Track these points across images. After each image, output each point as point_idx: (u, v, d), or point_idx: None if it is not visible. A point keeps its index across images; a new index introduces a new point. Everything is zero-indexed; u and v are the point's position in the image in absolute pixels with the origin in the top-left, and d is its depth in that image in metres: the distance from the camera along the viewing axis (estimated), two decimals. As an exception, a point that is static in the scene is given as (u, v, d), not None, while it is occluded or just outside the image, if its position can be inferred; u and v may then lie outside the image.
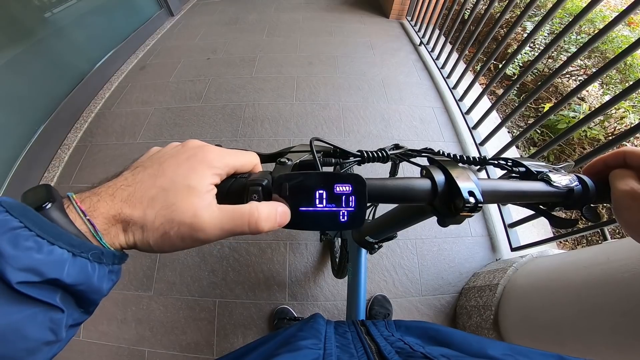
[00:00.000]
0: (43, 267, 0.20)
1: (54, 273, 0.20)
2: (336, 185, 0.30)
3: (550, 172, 0.37)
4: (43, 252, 0.20)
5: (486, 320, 1.28)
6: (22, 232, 0.20)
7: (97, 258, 0.23)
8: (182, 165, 0.28)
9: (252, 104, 2.36)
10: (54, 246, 0.21)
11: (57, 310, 0.21)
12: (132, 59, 3.01)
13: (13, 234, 0.19)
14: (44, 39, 2.11)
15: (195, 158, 0.29)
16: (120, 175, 0.28)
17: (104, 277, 0.24)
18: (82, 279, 0.22)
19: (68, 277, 0.21)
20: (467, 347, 0.37)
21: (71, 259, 0.21)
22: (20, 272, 0.19)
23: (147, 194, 0.26)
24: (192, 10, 4.11)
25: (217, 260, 1.57)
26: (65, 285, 0.21)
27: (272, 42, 3.16)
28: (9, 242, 0.19)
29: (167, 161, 0.29)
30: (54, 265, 0.20)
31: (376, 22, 3.57)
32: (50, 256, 0.20)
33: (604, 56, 2.52)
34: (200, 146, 0.31)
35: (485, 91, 1.91)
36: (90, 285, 0.23)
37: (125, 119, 2.32)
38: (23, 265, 0.19)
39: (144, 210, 0.25)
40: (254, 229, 0.28)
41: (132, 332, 1.40)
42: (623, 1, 3.43)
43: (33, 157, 1.93)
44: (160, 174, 0.27)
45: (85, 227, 0.23)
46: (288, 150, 0.42)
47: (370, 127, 2.17)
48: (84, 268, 0.22)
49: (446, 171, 0.33)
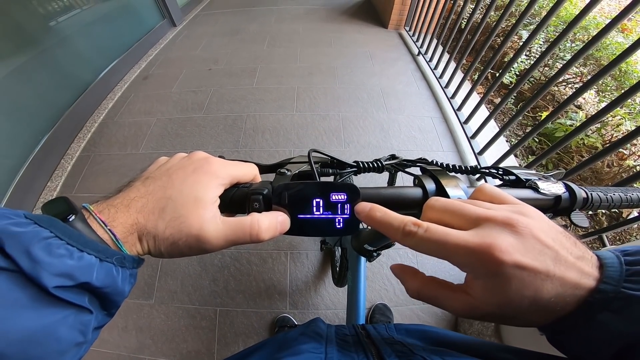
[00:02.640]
0: (75, 272, 0.21)
1: (85, 277, 0.22)
2: (332, 194, 0.32)
3: (538, 180, 0.39)
4: (74, 259, 0.22)
5: (487, 327, 1.29)
6: (53, 241, 0.21)
7: (120, 262, 0.25)
8: (189, 177, 0.31)
9: (253, 114, 2.38)
10: (83, 253, 0.22)
11: (86, 312, 0.23)
12: (135, 69, 3.05)
13: (46, 243, 0.21)
14: (48, 48, 2.14)
15: (202, 169, 0.32)
16: (131, 186, 0.30)
17: (126, 279, 0.26)
18: (109, 282, 0.24)
19: (97, 280, 0.23)
20: (467, 350, 0.37)
21: (99, 264, 0.23)
22: (56, 277, 0.20)
23: (158, 205, 0.28)
24: (194, 21, 4.17)
25: (219, 269, 1.57)
26: (94, 288, 0.23)
27: (272, 53, 3.20)
28: (43, 250, 0.20)
29: (175, 173, 0.31)
30: (85, 270, 0.22)
31: (375, 33, 3.62)
32: (81, 262, 0.22)
33: (599, 63, 2.53)
34: (205, 158, 0.34)
35: (482, 100, 1.93)
36: (115, 288, 0.25)
37: (128, 130, 2.34)
38: (58, 271, 0.21)
39: (156, 221, 0.28)
40: (255, 239, 0.30)
41: (132, 340, 1.40)
42: (616, 8, 3.47)
43: (37, 166, 1.95)
44: (169, 186, 0.30)
45: (106, 235, 0.26)
46: (287, 162, 0.44)
47: (370, 137, 2.19)
48: (109, 272, 0.24)
49: (437, 180, 0.35)
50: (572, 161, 2.26)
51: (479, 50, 1.96)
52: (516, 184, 0.41)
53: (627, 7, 1.09)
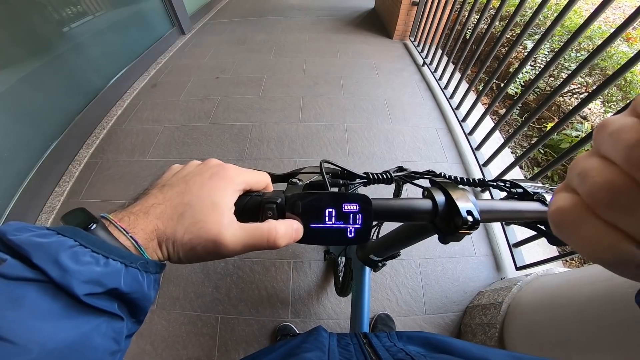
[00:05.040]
0: (104, 279, 0.22)
1: (113, 283, 0.22)
2: (344, 204, 0.32)
3: (546, 193, 0.40)
4: (101, 265, 0.22)
5: (491, 337, 1.27)
6: (78, 249, 0.22)
7: (144, 267, 0.26)
8: (207, 183, 0.31)
9: (258, 124, 2.40)
10: (109, 259, 0.23)
11: (118, 319, 0.24)
12: (144, 77, 3.09)
13: (72, 252, 0.21)
14: (60, 55, 2.17)
15: (218, 175, 0.32)
16: (148, 194, 0.30)
17: (151, 285, 0.26)
18: (136, 287, 0.24)
19: (125, 286, 0.23)
20: (469, 355, 0.38)
21: (124, 270, 0.24)
22: (85, 284, 0.21)
23: (177, 211, 0.29)
24: (203, 30, 4.24)
25: (221, 277, 1.57)
26: (123, 293, 0.23)
27: (279, 63, 3.24)
28: (70, 258, 0.21)
29: (192, 179, 0.32)
30: (112, 276, 0.23)
31: (380, 43, 3.65)
32: (108, 268, 0.22)
33: (604, 73, 2.52)
34: (221, 164, 0.35)
35: (487, 111, 1.93)
36: (143, 293, 0.25)
37: (136, 137, 2.37)
38: (86, 278, 0.21)
39: (175, 227, 0.28)
40: (272, 245, 0.31)
41: (132, 346, 1.39)
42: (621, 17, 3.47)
43: (45, 171, 1.97)
44: (187, 192, 0.30)
45: (128, 242, 0.26)
46: (299, 172, 0.45)
47: (375, 148, 2.19)
48: (135, 277, 0.24)
49: (446, 192, 0.36)
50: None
51: (484, 60, 1.96)
52: (523, 197, 0.42)
53: (631, 16, 1.08)
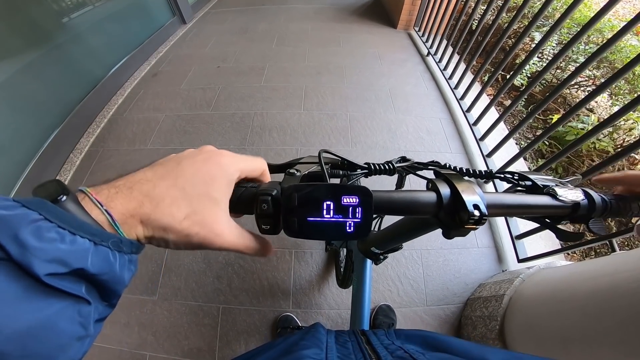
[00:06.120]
0: (68, 257, 0.20)
1: (79, 263, 0.20)
2: (343, 196, 0.30)
3: (556, 186, 0.38)
4: (66, 242, 0.20)
5: (491, 330, 1.27)
6: (43, 223, 0.19)
7: (117, 246, 0.23)
8: (201, 168, 0.30)
9: (260, 112, 2.38)
10: (76, 236, 0.21)
11: (84, 302, 0.21)
12: (144, 66, 3.07)
13: (35, 226, 0.19)
14: (60, 44, 2.16)
15: (212, 160, 0.31)
16: (136, 171, 0.29)
17: (125, 266, 0.24)
18: (106, 268, 0.22)
19: (92, 266, 0.21)
20: (467, 354, 0.37)
21: (93, 248, 0.21)
22: (48, 263, 0.19)
23: (170, 193, 0.27)
24: (204, 19, 4.19)
25: (223, 266, 1.57)
26: (90, 275, 0.21)
27: (281, 52, 3.20)
28: (32, 234, 0.19)
29: (184, 160, 0.30)
30: (78, 254, 0.20)
31: (384, 33, 3.60)
32: (74, 246, 0.20)
33: (613, 66, 2.49)
34: (215, 150, 0.33)
35: (493, 102, 1.90)
36: (113, 275, 0.23)
37: (137, 126, 2.36)
38: (49, 257, 0.19)
39: (170, 209, 0.27)
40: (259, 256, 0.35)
41: (134, 336, 1.40)
42: (631, 11, 3.41)
43: (46, 160, 1.97)
44: (180, 174, 0.29)
45: (102, 217, 0.23)
46: (297, 162, 0.43)
47: (377, 137, 2.17)
48: (106, 257, 0.22)
49: (452, 184, 0.34)
50: (583, 165, 2.22)
51: (490, 51, 1.93)
52: (533, 190, 0.40)
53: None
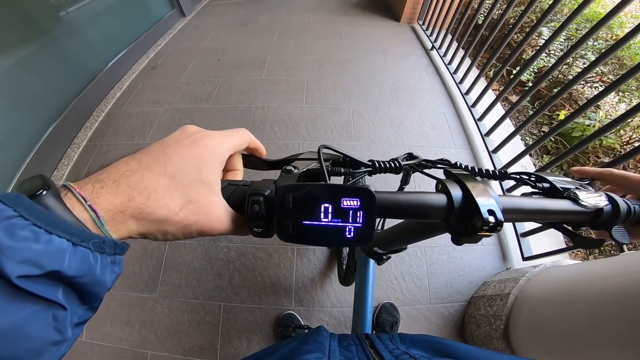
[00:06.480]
0: (42, 259, 0.18)
1: (54, 265, 0.19)
2: (343, 199, 0.28)
3: (577, 189, 0.35)
4: (41, 242, 0.19)
5: (496, 329, 1.26)
6: (17, 221, 0.18)
7: (99, 247, 0.22)
8: (189, 153, 0.28)
9: (261, 106, 2.35)
10: (52, 235, 0.19)
11: (59, 308, 0.20)
12: (143, 59, 3.03)
13: (8, 224, 0.18)
14: (57, 37, 2.13)
15: (199, 143, 0.29)
16: (119, 161, 0.27)
17: (107, 268, 0.23)
18: (84, 271, 0.21)
19: (69, 268, 0.19)
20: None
21: (71, 249, 0.20)
22: (19, 264, 0.17)
23: (161, 183, 0.26)
24: (204, 11, 4.14)
25: (224, 263, 1.55)
26: (67, 277, 0.20)
27: (282, 45, 3.15)
28: (4, 232, 0.17)
29: (170, 146, 0.28)
30: (54, 256, 0.19)
31: (387, 26, 3.54)
32: (49, 246, 0.19)
33: (621, 62, 2.46)
34: (200, 131, 0.32)
35: (499, 97, 1.87)
36: (93, 278, 0.21)
37: (136, 119, 2.33)
38: (21, 258, 0.18)
39: (163, 200, 0.25)
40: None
41: (135, 334, 1.39)
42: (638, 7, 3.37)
43: (43, 155, 1.94)
44: (168, 161, 0.27)
45: (85, 214, 0.22)
46: (295, 158, 0.40)
47: (381, 132, 2.14)
48: (85, 258, 0.21)
49: (464, 186, 0.31)
50: (588, 161, 2.20)
51: (497, 47, 1.89)
52: (551, 193, 0.37)
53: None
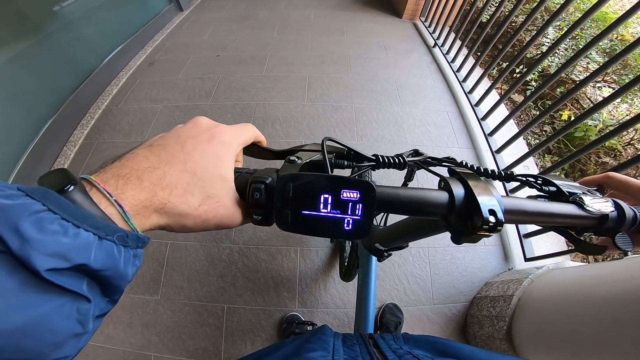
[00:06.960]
0: (70, 252, 0.19)
1: (81, 258, 0.19)
2: (343, 190, 0.28)
3: (583, 194, 0.34)
4: (69, 236, 0.19)
5: (499, 330, 1.26)
6: (45, 215, 0.18)
7: (123, 241, 0.22)
8: (208, 150, 0.29)
9: (262, 103, 2.32)
10: (80, 229, 0.19)
11: (84, 300, 0.20)
12: (140, 55, 2.97)
13: (37, 217, 0.18)
14: (52, 33, 2.08)
15: (216, 139, 0.31)
16: (136, 155, 0.27)
17: (129, 261, 0.23)
18: (109, 264, 0.21)
19: (95, 262, 0.20)
20: None
21: (97, 243, 0.20)
22: (48, 258, 0.18)
23: (182, 179, 0.27)
24: (202, 6, 4.07)
25: (226, 265, 1.54)
26: (92, 271, 0.20)
27: (282, 40, 3.11)
28: (33, 225, 0.18)
29: (188, 142, 0.29)
30: (81, 249, 0.19)
31: (389, 22, 3.51)
32: (77, 240, 0.19)
33: (625, 63, 2.46)
34: (215, 125, 0.33)
35: (504, 97, 1.86)
36: (117, 271, 0.22)
37: (133, 117, 2.29)
38: (50, 251, 0.18)
39: (184, 196, 0.27)
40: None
41: (138, 337, 1.38)
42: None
43: (38, 153, 1.91)
44: (187, 158, 0.28)
45: (112, 209, 0.23)
46: (299, 149, 0.40)
47: (384, 130, 2.12)
48: (110, 252, 0.21)
49: (466, 185, 0.30)
50: (589, 161, 2.20)
51: (503, 47, 1.88)
52: (557, 197, 0.36)
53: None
